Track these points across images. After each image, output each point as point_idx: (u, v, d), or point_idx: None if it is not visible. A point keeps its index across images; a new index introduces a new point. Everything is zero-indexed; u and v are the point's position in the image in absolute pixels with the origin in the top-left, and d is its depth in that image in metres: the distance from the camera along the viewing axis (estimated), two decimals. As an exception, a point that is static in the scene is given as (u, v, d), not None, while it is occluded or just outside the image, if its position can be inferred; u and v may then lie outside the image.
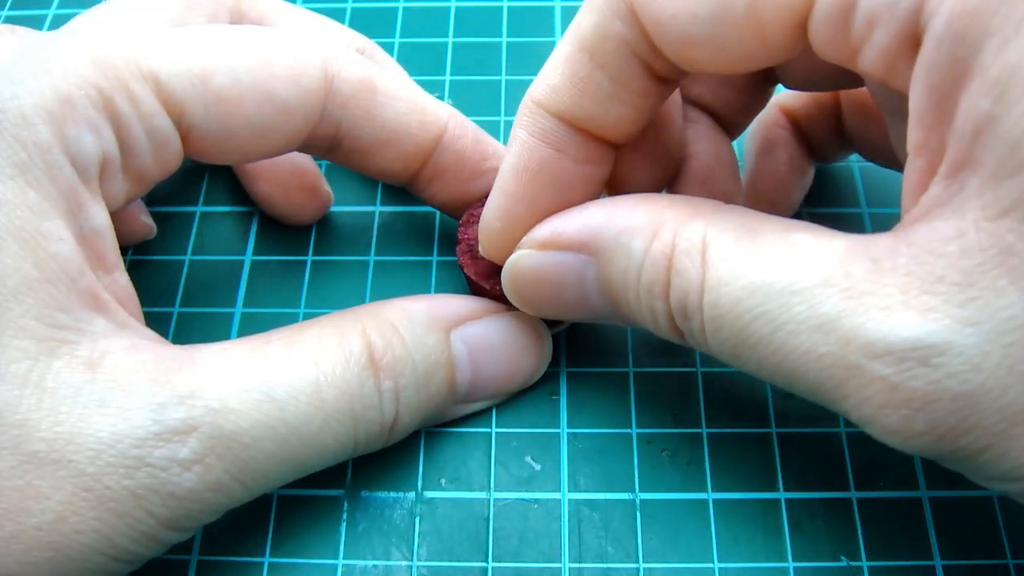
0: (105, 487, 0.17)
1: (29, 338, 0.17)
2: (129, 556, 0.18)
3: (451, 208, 0.25)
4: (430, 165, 0.24)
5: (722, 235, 0.18)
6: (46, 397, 0.17)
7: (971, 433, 0.15)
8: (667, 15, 0.17)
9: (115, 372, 0.18)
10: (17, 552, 0.17)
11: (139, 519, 0.17)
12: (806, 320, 0.16)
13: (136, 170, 0.20)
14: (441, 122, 0.23)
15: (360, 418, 0.20)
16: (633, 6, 0.18)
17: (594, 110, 0.19)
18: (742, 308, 0.17)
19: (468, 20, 0.33)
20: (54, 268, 0.18)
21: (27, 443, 0.17)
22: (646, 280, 0.19)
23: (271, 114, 0.21)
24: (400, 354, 0.21)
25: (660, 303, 0.19)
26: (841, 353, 0.16)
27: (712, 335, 0.18)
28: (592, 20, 0.18)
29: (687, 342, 0.19)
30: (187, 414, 0.18)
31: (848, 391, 0.16)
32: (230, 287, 0.27)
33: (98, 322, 0.18)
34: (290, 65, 0.21)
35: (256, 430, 0.18)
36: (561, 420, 0.24)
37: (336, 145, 0.23)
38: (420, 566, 0.22)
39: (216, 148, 0.21)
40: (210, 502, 0.18)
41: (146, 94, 0.19)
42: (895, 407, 0.15)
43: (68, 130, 0.18)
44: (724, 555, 0.22)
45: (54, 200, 0.18)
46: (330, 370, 0.20)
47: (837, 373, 0.16)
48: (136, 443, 0.17)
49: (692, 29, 0.17)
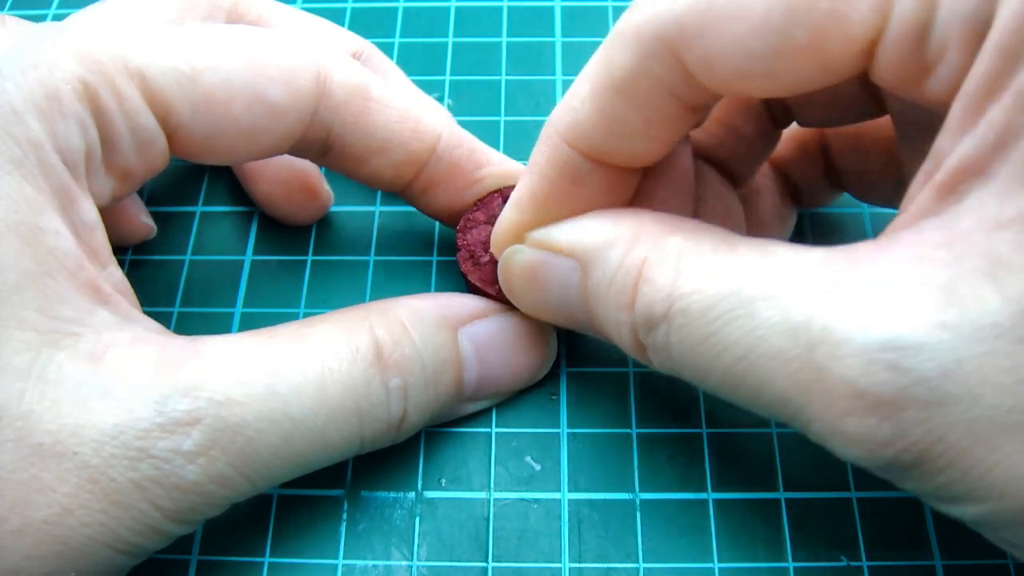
0: (110, 479, 0.17)
1: (31, 330, 0.17)
2: (134, 549, 0.18)
3: (446, 217, 0.25)
4: (424, 174, 0.24)
5: (699, 245, 0.18)
6: (49, 389, 0.17)
7: (935, 447, 0.14)
8: (717, 53, 0.16)
9: (118, 364, 0.18)
10: (24, 546, 0.17)
11: (144, 511, 0.17)
12: (777, 324, 0.15)
13: (120, 167, 0.20)
14: (435, 131, 0.23)
15: (366, 415, 0.20)
16: (675, 49, 0.17)
17: (622, 145, 0.19)
18: (713, 314, 0.16)
19: (468, 20, 0.33)
20: (54, 262, 0.18)
21: (31, 435, 0.17)
22: (615, 290, 0.18)
23: (260, 116, 0.21)
24: (409, 352, 0.21)
25: (625, 314, 0.18)
26: (808, 356, 0.15)
27: (677, 345, 0.17)
28: (626, 61, 0.17)
29: (648, 359, 0.19)
30: (191, 406, 0.18)
31: (811, 397, 0.15)
32: (230, 287, 0.27)
33: (101, 314, 0.18)
34: (282, 67, 0.21)
35: (260, 423, 0.18)
36: (561, 420, 0.24)
37: (327, 150, 0.23)
38: (420, 566, 0.22)
39: (203, 148, 0.21)
40: (214, 495, 0.18)
41: (131, 91, 0.19)
42: (860, 414, 0.15)
43: (57, 125, 0.18)
44: (724, 555, 0.22)
45: (48, 195, 0.18)
46: (336, 366, 0.20)
47: (803, 378, 0.15)
48: (140, 435, 0.17)
49: (746, 65, 0.16)
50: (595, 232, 0.19)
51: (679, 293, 0.17)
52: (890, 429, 0.14)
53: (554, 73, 0.32)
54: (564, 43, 0.33)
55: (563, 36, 0.33)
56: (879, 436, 0.15)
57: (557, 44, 0.33)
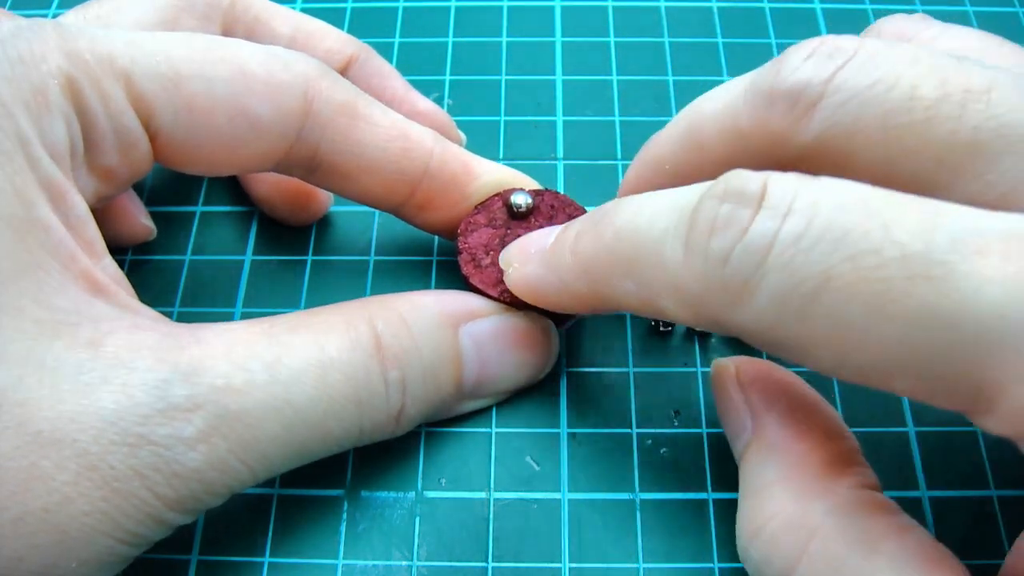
0: (110, 466, 0.17)
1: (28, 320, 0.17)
2: (135, 539, 0.18)
3: (446, 232, 0.25)
4: (419, 193, 0.23)
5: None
6: (47, 376, 0.17)
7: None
8: None
9: (117, 350, 0.18)
10: (25, 535, 0.16)
11: (144, 499, 0.17)
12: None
13: (103, 166, 0.20)
14: (426, 148, 0.23)
15: (366, 404, 0.20)
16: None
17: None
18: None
19: (468, 20, 0.33)
20: (48, 254, 0.18)
21: (30, 423, 0.16)
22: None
23: (243, 129, 0.21)
24: (407, 345, 0.21)
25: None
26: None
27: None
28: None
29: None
30: (191, 391, 0.17)
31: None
32: (230, 287, 0.27)
33: (98, 305, 0.18)
34: (269, 82, 0.21)
35: (260, 411, 0.18)
36: (561, 420, 0.24)
37: (314, 168, 0.23)
38: (420, 566, 0.22)
39: (184, 156, 0.21)
40: (214, 483, 0.18)
41: (117, 91, 0.19)
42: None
43: (44, 120, 0.18)
44: (724, 555, 0.22)
45: (38, 189, 0.18)
46: (336, 355, 0.19)
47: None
48: (139, 420, 0.17)
49: None
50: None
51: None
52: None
53: (554, 73, 0.32)
54: (564, 43, 0.33)
55: (563, 36, 0.33)
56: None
57: (557, 44, 0.33)
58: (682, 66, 0.32)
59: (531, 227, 0.24)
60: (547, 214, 0.24)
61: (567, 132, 0.30)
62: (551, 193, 0.24)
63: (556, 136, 0.30)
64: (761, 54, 0.32)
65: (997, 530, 0.23)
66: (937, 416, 0.24)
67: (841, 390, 0.25)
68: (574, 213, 0.24)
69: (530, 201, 0.24)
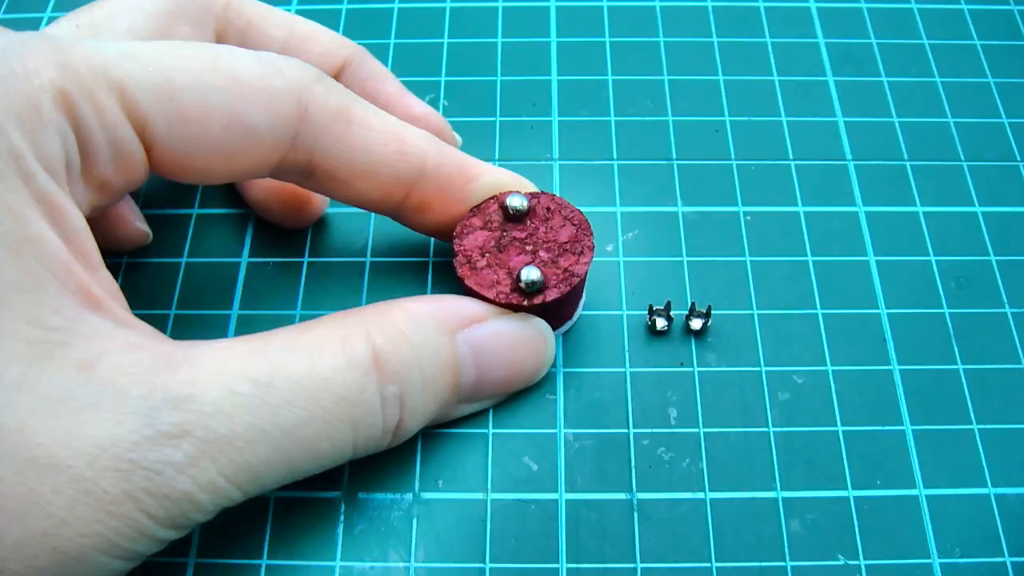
0: (104, 491, 0.17)
1: (23, 342, 0.17)
2: (130, 555, 0.18)
3: (443, 234, 0.25)
4: (415, 196, 0.23)
5: None
6: (41, 402, 0.17)
7: None
8: None
9: (109, 374, 0.18)
10: (25, 557, 0.17)
11: (137, 520, 0.17)
12: None
13: (98, 178, 0.20)
14: (421, 151, 0.23)
15: (360, 423, 0.20)
16: None
17: None
18: None
19: (463, 21, 0.33)
20: (43, 270, 0.18)
21: (26, 448, 0.17)
22: None
23: (238, 137, 0.21)
24: (407, 358, 0.21)
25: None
26: None
27: None
28: None
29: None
30: (180, 418, 0.18)
31: None
32: (226, 289, 0.27)
33: (92, 320, 0.18)
34: (263, 89, 0.21)
35: (250, 433, 0.18)
36: (558, 420, 0.24)
37: (309, 173, 0.23)
38: (418, 567, 0.22)
39: (179, 166, 0.21)
40: (205, 503, 0.18)
41: (111, 103, 0.19)
42: None
43: (37, 134, 0.18)
44: (722, 555, 0.22)
45: (33, 204, 0.18)
46: (329, 374, 0.19)
47: None
48: (130, 447, 0.17)
49: None
50: None
51: None
52: None
53: (549, 74, 0.32)
54: (559, 43, 0.33)
55: (558, 36, 0.33)
56: None
57: (552, 44, 0.33)
58: (677, 66, 0.32)
59: (527, 229, 0.24)
60: (543, 216, 0.24)
61: (563, 133, 0.30)
62: (547, 196, 0.24)
63: (552, 137, 0.30)
64: (757, 53, 0.32)
65: (995, 528, 0.23)
66: (935, 415, 0.24)
67: (841, 390, 0.25)
68: (570, 215, 0.24)
69: (526, 203, 0.24)
